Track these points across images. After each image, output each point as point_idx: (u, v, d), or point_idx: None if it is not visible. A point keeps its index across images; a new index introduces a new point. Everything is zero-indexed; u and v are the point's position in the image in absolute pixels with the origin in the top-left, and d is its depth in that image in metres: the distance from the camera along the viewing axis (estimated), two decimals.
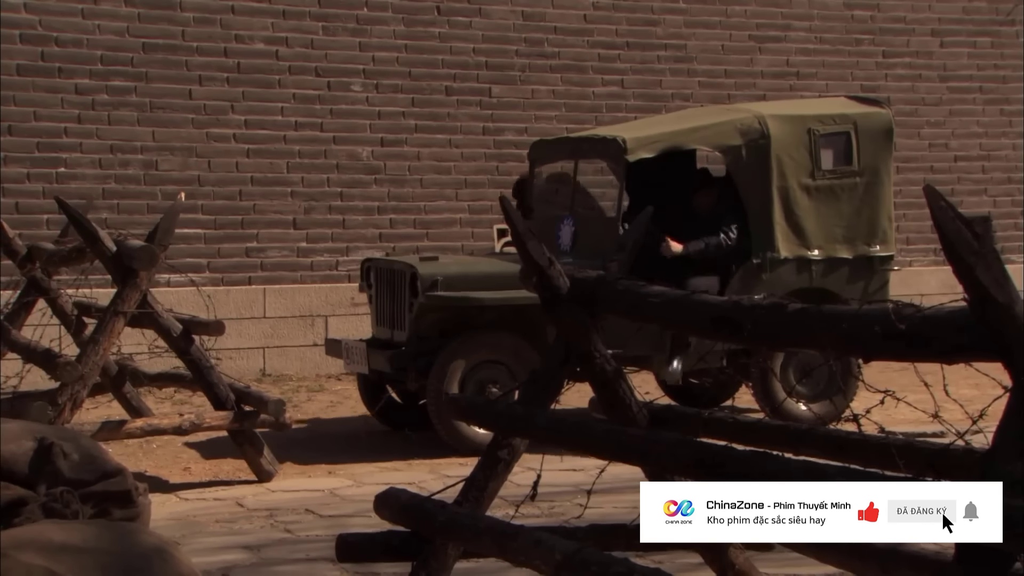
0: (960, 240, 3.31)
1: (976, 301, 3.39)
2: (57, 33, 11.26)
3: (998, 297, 3.30)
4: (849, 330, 3.76)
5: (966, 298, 3.44)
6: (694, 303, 4.36)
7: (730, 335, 4.32)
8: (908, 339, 3.58)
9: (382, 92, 12.37)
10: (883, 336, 3.64)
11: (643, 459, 4.26)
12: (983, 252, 3.31)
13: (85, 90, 11.30)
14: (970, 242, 3.32)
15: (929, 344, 3.56)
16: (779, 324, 4.02)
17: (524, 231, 4.85)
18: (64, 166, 11.20)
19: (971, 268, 3.31)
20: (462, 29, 12.80)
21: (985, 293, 3.32)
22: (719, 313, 4.23)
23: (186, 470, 8.00)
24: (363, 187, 12.17)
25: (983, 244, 3.33)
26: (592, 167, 9.66)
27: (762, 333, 4.13)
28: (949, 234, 3.33)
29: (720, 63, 13.90)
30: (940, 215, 3.37)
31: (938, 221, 3.36)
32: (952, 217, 3.36)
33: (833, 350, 4.02)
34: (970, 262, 3.31)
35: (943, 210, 3.37)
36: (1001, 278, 3.31)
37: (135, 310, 7.33)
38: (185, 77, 11.64)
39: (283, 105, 11.98)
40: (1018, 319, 3.32)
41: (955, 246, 3.32)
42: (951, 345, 3.50)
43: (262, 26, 11.99)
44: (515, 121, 12.79)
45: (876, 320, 3.67)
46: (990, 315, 3.36)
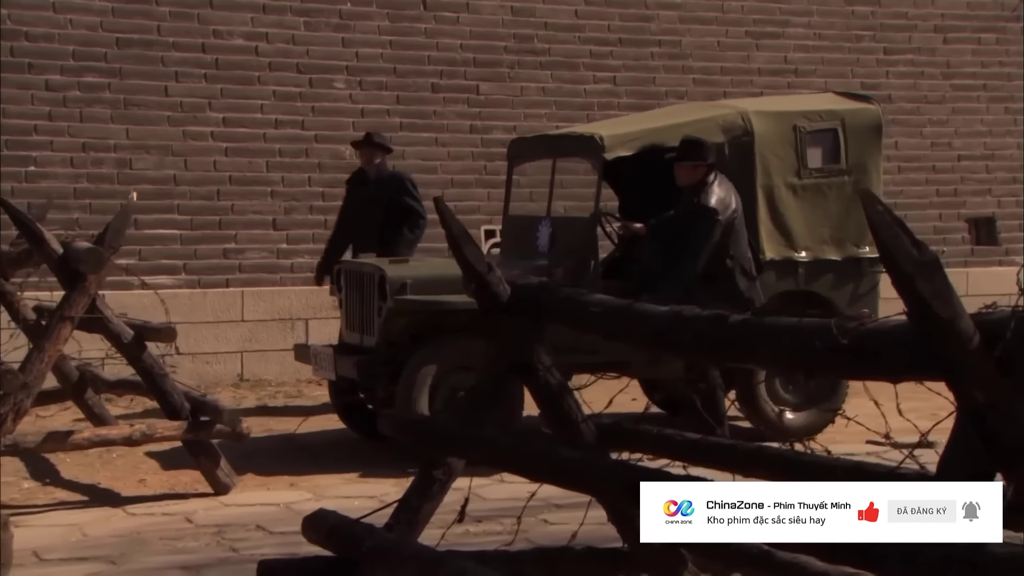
0: (898, 248, 2.97)
1: (917, 315, 3.05)
2: (27, 28, 10.96)
3: (940, 312, 2.97)
4: (790, 344, 3.44)
5: (906, 312, 3.11)
6: (636, 313, 4.03)
7: (671, 348, 4.00)
8: (853, 354, 3.26)
9: (366, 89, 12.05)
10: (826, 351, 3.32)
11: (576, 483, 3.93)
12: (924, 262, 2.97)
13: (56, 86, 11.00)
14: (909, 251, 2.99)
15: (876, 360, 3.24)
16: (719, 337, 3.69)
17: (460, 234, 4.54)
18: (34, 165, 10.90)
19: (910, 279, 2.97)
20: (449, 24, 12.47)
21: (926, 307, 2.98)
22: (660, 325, 3.91)
23: (141, 482, 7.68)
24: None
25: (923, 253, 2.99)
26: (574, 166, 9.32)
27: (702, 346, 3.81)
28: (886, 241, 2.99)
29: (716, 60, 13.55)
30: (876, 219, 3.03)
31: (874, 227, 3.03)
32: (889, 222, 3.02)
33: (775, 366, 3.69)
34: (909, 272, 2.97)
35: (880, 215, 3.03)
36: (944, 290, 2.97)
37: (84, 315, 7.01)
38: (161, 73, 11.34)
39: (263, 102, 11.67)
40: (962, 336, 2.98)
41: (893, 255, 2.98)
42: (897, 361, 3.17)
43: (241, 21, 11.68)
44: (504, 119, 12.45)
45: (818, 334, 3.34)
46: (932, 331, 3.03)
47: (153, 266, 11.07)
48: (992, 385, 3.02)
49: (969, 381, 3.03)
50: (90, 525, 6.60)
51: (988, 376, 3.01)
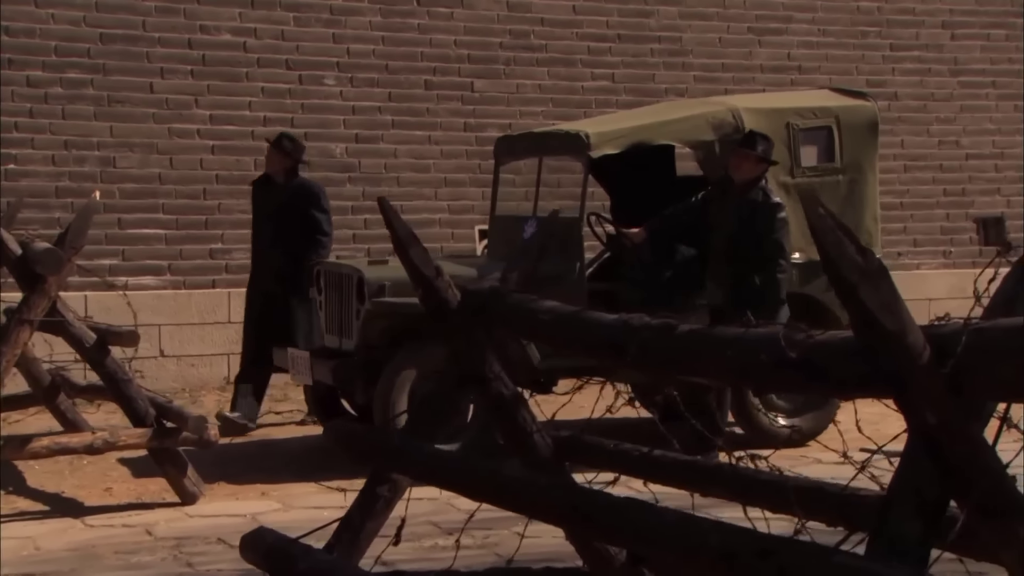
0: (842, 256, 2.71)
1: (861, 327, 2.79)
2: (7, 23, 10.74)
3: (886, 323, 2.70)
4: (736, 357, 3.18)
5: (851, 324, 2.85)
6: (584, 322, 3.78)
7: (619, 359, 3.74)
8: (801, 369, 3.00)
9: (357, 86, 11.80)
10: (772, 365, 3.06)
11: (517, 504, 3.67)
12: (869, 270, 2.71)
13: (37, 83, 10.79)
14: (853, 258, 2.72)
15: (824, 375, 2.98)
16: (665, 348, 3.44)
17: (406, 236, 4.29)
18: (14, 163, 10.69)
19: (854, 288, 2.71)
20: (443, 20, 12.21)
21: (871, 318, 2.72)
22: (608, 334, 3.66)
23: (107, 491, 7.45)
24: (336, 186, 11.58)
25: (869, 261, 2.73)
26: (565, 164, 9.06)
27: (647, 358, 3.55)
28: (828, 247, 2.73)
29: (717, 57, 13.26)
30: (818, 224, 2.77)
31: (816, 231, 2.76)
32: (832, 227, 2.75)
33: (723, 380, 3.43)
34: (853, 281, 2.71)
35: (822, 219, 2.77)
36: (890, 301, 2.71)
37: (44, 318, 6.79)
38: (146, 69, 11.11)
39: (251, 99, 11.44)
40: (911, 350, 2.71)
41: (836, 262, 2.72)
42: (846, 377, 2.91)
43: (229, 16, 11.45)
44: (499, 117, 12.19)
45: (764, 346, 3.08)
46: (878, 344, 2.77)
47: (137, 266, 10.86)
48: (943, 405, 2.76)
49: (918, 400, 2.77)
50: (45, 537, 6.37)
51: (939, 395, 2.75)
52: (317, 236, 8.90)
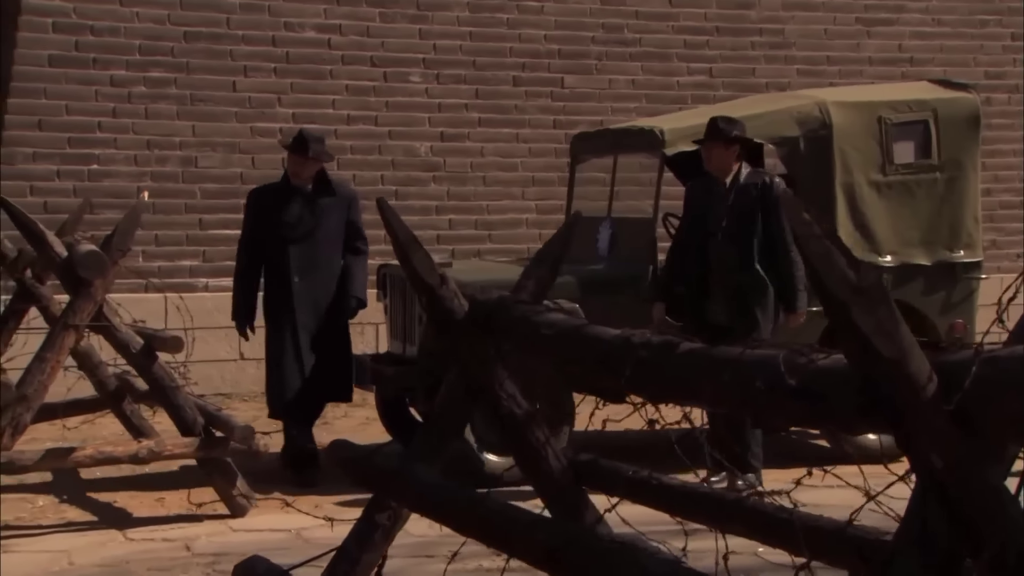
0: (831, 270, 2.30)
1: (856, 355, 2.37)
2: (92, 21, 10.68)
3: (883, 350, 2.29)
4: (731, 382, 2.78)
5: (844, 349, 2.44)
6: (585, 337, 3.41)
7: (614, 380, 3.35)
8: (799, 397, 2.59)
9: (443, 83, 11.52)
10: (767, 392, 2.66)
11: (500, 542, 3.31)
12: (863, 287, 2.29)
13: (121, 82, 10.71)
14: (844, 273, 2.31)
15: (824, 405, 2.57)
16: (660, 371, 3.05)
17: (407, 240, 3.95)
18: (97, 163, 10.62)
19: (845, 308, 2.30)
20: (533, 15, 11.87)
21: (866, 344, 2.30)
22: (604, 350, 3.28)
23: (160, 500, 7.25)
24: (420, 185, 11.35)
25: (863, 277, 2.31)
26: (634, 162, 8.66)
27: (642, 380, 3.17)
28: (815, 260, 2.32)
29: (822, 49, 12.70)
30: (802, 232, 2.36)
31: (800, 241, 2.36)
32: (819, 236, 2.34)
33: (720, 406, 3.02)
34: (843, 300, 2.30)
35: (807, 226, 2.36)
36: (889, 324, 2.29)
37: (89, 323, 6.61)
38: (229, 68, 10.97)
39: (335, 97, 11.22)
40: (913, 382, 2.29)
41: (824, 278, 2.31)
42: (846, 408, 2.50)
43: (314, 12, 11.25)
44: (590, 114, 11.80)
45: (760, 371, 2.68)
46: (875, 375, 2.35)
47: (218, 268, 10.71)
48: (951, 446, 2.33)
49: (922, 440, 2.35)
50: (81, 552, 6.17)
51: (945, 435, 2.32)
52: (360, 246, 7.80)
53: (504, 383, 3.94)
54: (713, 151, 7.03)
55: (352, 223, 7.74)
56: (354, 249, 7.76)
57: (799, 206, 2.37)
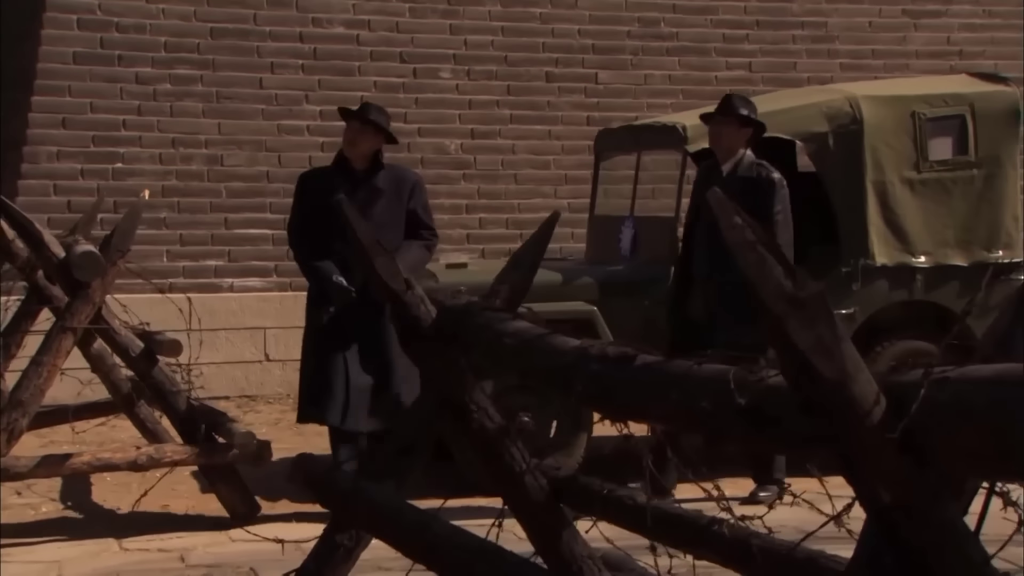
0: (765, 277, 2.05)
1: (793, 375, 2.11)
2: (118, 18, 10.57)
3: (823, 370, 2.03)
4: (679, 401, 2.53)
5: (781, 368, 2.18)
6: (544, 348, 3.17)
7: (568, 394, 3.11)
8: (748, 419, 2.34)
9: (474, 79, 11.30)
10: (714, 412, 2.42)
11: (443, 568, 3.07)
12: (802, 300, 2.03)
13: (146, 79, 10.59)
14: (779, 283, 2.05)
15: (775, 428, 2.31)
16: (610, 387, 2.81)
17: (370, 244, 3.72)
18: (121, 161, 10.50)
19: (780, 322, 2.04)
20: (566, 9, 11.62)
21: (804, 362, 2.04)
22: (561, 362, 3.04)
23: (165, 507, 7.08)
24: (450, 183, 11.13)
25: (801, 286, 2.05)
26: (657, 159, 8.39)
27: (593, 395, 2.93)
28: (748, 267, 2.07)
29: (866, 42, 12.33)
30: (734, 237, 2.10)
31: (731, 246, 2.11)
32: (752, 242, 2.09)
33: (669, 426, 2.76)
34: (778, 312, 2.04)
35: (738, 229, 2.11)
36: (830, 340, 2.03)
37: (87, 325, 6.45)
38: (256, 64, 10.82)
39: (363, 94, 11.00)
40: (856, 406, 2.03)
41: (758, 288, 2.06)
42: (795, 432, 2.24)
43: (342, 8, 11.08)
44: (624, 110, 11.51)
45: (707, 390, 2.43)
46: (813, 396, 2.09)
47: (243, 268, 10.57)
48: (898, 479, 2.06)
49: (868, 471, 2.08)
50: (73, 562, 6.01)
51: (893, 466, 2.06)
52: (425, 235, 6.80)
53: (475, 395, 3.70)
54: (724, 128, 6.72)
55: (413, 211, 6.69)
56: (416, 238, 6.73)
57: (730, 209, 2.12)
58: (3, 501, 7.36)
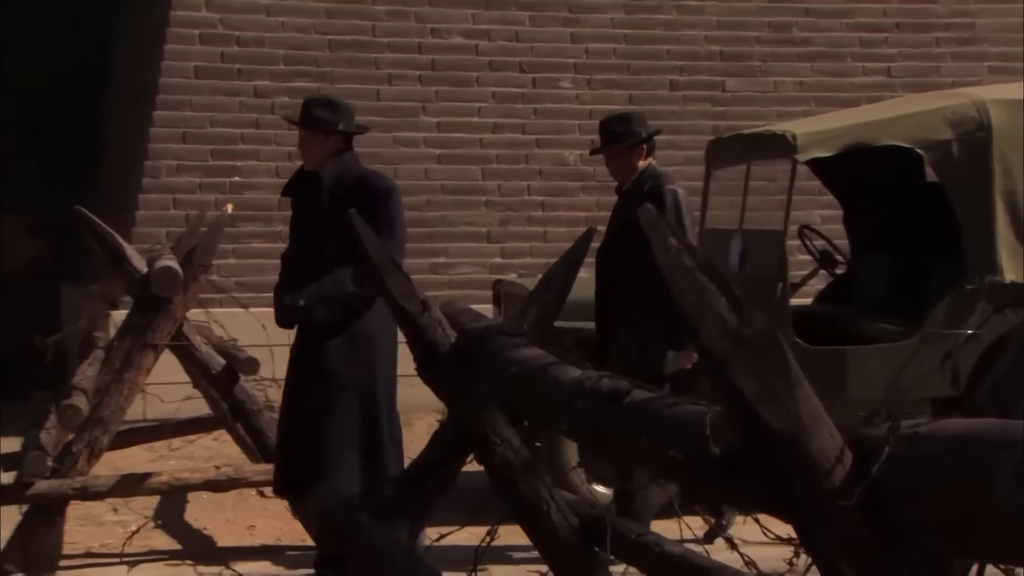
0: (705, 311, 1.73)
1: (737, 425, 1.78)
2: (238, 32, 10.57)
3: (772, 421, 1.69)
4: (649, 447, 2.22)
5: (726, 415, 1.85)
6: (546, 379, 2.87)
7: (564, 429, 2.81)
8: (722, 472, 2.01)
9: (595, 88, 11.00)
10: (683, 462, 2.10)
11: None
12: (748, 337, 1.70)
13: (265, 92, 10.55)
14: (722, 316, 1.73)
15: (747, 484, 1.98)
16: (592, 424, 2.51)
17: (384, 261, 3.47)
18: (239, 175, 10.48)
19: (722, 364, 1.71)
20: (693, 15, 11.24)
21: (749, 412, 1.71)
22: (557, 397, 2.75)
23: (250, 529, 6.94)
24: (568, 196, 10.84)
25: (748, 322, 1.72)
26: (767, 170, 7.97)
27: (579, 433, 2.63)
28: (684, 300, 1.75)
29: (1018, 44, 11.64)
30: (668, 263, 1.78)
31: (667, 275, 1.79)
32: (689, 268, 1.77)
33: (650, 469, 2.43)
34: (721, 353, 1.71)
35: (672, 255, 1.78)
36: (781, 385, 1.70)
37: (167, 343, 6.34)
38: (373, 76, 10.70)
39: (481, 105, 10.83)
40: (812, 466, 1.69)
41: (696, 323, 1.73)
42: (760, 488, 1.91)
43: (461, 18, 10.89)
44: (752, 119, 11.04)
45: (681, 434, 2.11)
46: (761, 453, 1.75)
47: None
48: (865, 555, 1.71)
49: (826, 543, 1.73)
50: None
51: (859, 541, 1.70)
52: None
53: (497, 425, 3.42)
54: (612, 161, 6.21)
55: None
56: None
57: (663, 228, 1.79)
58: (99, 518, 7.34)
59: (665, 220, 1.79)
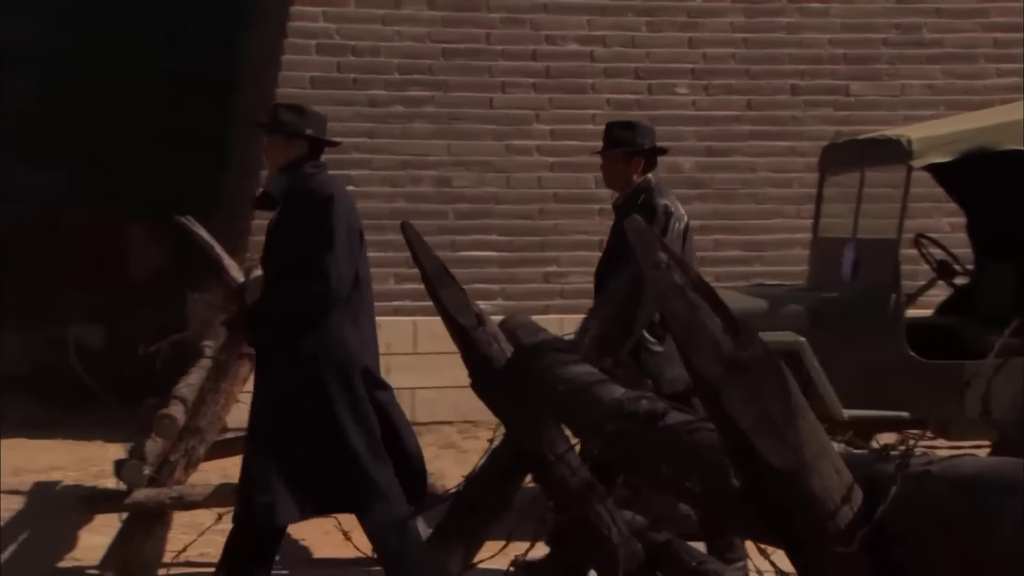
0: (696, 337, 1.57)
1: (735, 459, 1.61)
2: (355, 42, 10.59)
3: (769, 456, 1.53)
4: (671, 475, 2.06)
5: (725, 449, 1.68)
6: (588, 398, 2.73)
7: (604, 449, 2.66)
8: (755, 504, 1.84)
9: (712, 94, 10.77)
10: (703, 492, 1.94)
11: None
12: (744, 363, 1.54)
13: (380, 102, 10.56)
14: (716, 340, 1.57)
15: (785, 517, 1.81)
16: (625, 448, 2.36)
17: (436, 273, 3.37)
18: (352, 184, 10.46)
19: (715, 393, 1.55)
20: (816, 17, 10.94)
21: (746, 445, 1.54)
22: (596, 416, 2.60)
23: (347, 537, 6.87)
24: (683, 204, 10.52)
25: (745, 346, 1.56)
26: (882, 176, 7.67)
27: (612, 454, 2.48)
28: (674, 323, 1.59)
29: None
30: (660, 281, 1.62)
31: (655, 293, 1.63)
32: (679, 286, 1.60)
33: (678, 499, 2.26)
34: (714, 380, 1.55)
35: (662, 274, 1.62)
36: (781, 416, 1.53)
37: None
38: (487, 84, 10.63)
39: (595, 112, 10.67)
40: (814, 506, 1.52)
41: (686, 348, 1.58)
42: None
43: (576, 24, 10.76)
44: (878, 123, 10.68)
45: (700, 462, 1.96)
46: (764, 488, 1.58)
47: (469, 291, 10.33)
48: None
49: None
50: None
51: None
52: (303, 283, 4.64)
53: (555, 444, 3.28)
54: (609, 164, 5.87)
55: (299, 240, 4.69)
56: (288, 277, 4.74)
57: (652, 241, 1.64)
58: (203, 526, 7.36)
59: (654, 233, 1.63)
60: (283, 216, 4.78)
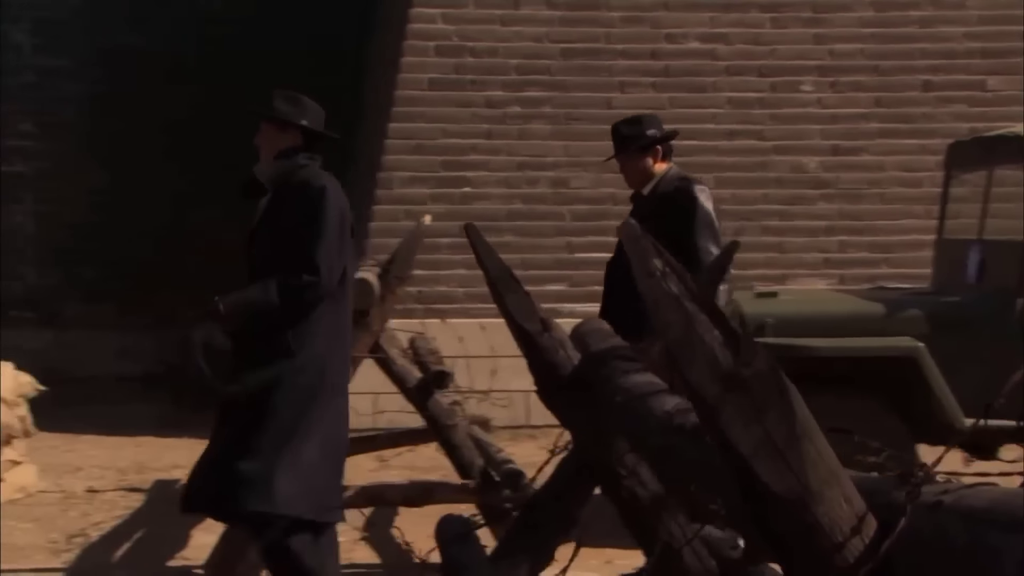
0: (692, 350, 1.41)
1: (738, 486, 1.45)
2: (473, 43, 10.53)
3: (773, 484, 1.37)
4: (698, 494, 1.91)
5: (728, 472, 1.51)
6: (643, 410, 2.58)
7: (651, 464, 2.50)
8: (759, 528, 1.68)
9: (839, 91, 10.45)
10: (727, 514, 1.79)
11: None
12: (744, 380, 1.38)
13: (497, 103, 10.48)
14: (714, 353, 1.41)
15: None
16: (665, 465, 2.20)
17: (500, 277, 3.24)
18: (469, 186, 10.43)
19: (713, 412, 1.40)
20: (951, 10, 10.55)
21: (746, 470, 1.39)
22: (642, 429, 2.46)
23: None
24: (808, 204, 10.33)
25: (746, 361, 1.40)
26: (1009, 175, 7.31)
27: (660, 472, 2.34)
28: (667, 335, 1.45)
29: None
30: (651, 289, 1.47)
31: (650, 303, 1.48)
32: (674, 296, 1.45)
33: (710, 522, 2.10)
34: (712, 399, 1.40)
35: (654, 282, 1.46)
36: (784, 439, 1.37)
37: (365, 355, 6.27)
38: (606, 84, 10.47)
39: (716, 111, 10.45)
40: (818, 536, 1.35)
41: (681, 362, 1.43)
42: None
43: (698, 22, 10.54)
44: (1016, 120, 10.23)
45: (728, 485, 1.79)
46: (767, 515, 1.42)
47: (585, 293, 10.20)
48: None
49: None
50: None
51: None
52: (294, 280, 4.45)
53: (624, 457, 3.12)
54: (626, 164, 5.71)
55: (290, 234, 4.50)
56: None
57: (646, 248, 1.48)
58: None
59: (648, 239, 1.48)
60: (272, 205, 4.61)
